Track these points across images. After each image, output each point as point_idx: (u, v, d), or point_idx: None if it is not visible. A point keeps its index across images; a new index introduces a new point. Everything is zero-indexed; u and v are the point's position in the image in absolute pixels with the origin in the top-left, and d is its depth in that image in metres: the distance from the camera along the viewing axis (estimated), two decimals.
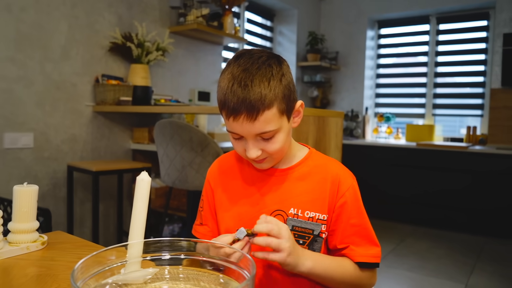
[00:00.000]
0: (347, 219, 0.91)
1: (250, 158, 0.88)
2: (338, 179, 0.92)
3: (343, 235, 0.91)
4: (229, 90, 0.81)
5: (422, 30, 4.81)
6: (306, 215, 0.91)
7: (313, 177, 0.94)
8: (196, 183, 2.15)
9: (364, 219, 0.93)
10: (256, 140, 0.86)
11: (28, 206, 0.93)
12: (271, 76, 0.82)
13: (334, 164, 0.97)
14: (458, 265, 3.07)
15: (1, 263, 0.85)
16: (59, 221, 2.60)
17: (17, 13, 2.34)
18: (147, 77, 2.92)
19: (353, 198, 0.92)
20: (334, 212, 0.91)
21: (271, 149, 0.86)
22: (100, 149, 2.83)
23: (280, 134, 0.86)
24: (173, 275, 0.68)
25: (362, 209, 0.93)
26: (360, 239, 0.91)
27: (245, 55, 0.85)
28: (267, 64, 0.83)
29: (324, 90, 5.23)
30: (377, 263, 0.91)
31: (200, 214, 1.05)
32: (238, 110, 0.80)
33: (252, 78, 0.81)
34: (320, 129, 2.07)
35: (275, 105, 0.82)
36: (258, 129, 0.82)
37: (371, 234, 0.93)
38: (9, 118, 2.35)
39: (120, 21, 2.91)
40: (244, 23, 4.42)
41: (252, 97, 0.79)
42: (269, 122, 0.82)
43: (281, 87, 0.83)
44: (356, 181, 0.95)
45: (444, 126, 4.75)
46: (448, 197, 3.98)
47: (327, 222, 0.91)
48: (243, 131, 0.84)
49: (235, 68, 0.83)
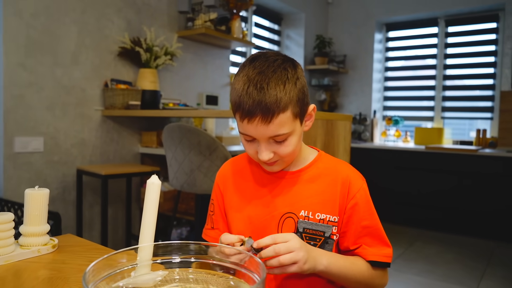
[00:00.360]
0: (358, 220, 0.91)
1: (262, 160, 0.88)
2: (348, 180, 0.93)
3: (355, 237, 0.91)
4: (245, 92, 0.81)
5: (431, 32, 4.79)
6: (317, 217, 0.91)
7: (323, 179, 0.94)
8: (204, 187, 2.16)
9: (375, 220, 0.93)
10: (268, 143, 0.86)
11: (39, 209, 0.94)
12: (286, 79, 0.82)
13: (344, 166, 0.97)
14: (468, 269, 3.04)
15: (13, 266, 0.85)
16: (68, 224, 2.62)
17: (28, 19, 2.38)
18: (155, 81, 2.94)
19: (364, 199, 0.92)
20: (345, 214, 0.91)
21: (283, 152, 0.87)
22: (109, 153, 2.86)
23: (292, 137, 0.86)
24: (183, 278, 0.68)
25: (373, 210, 0.94)
26: (372, 240, 0.92)
27: (261, 58, 0.85)
28: (283, 68, 0.83)
29: (332, 93, 5.22)
30: (389, 263, 0.92)
31: (211, 218, 1.05)
32: (253, 113, 0.81)
33: (268, 81, 0.81)
34: (328, 133, 2.06)
35: (290, 108, 0.82)
36: (272, 132, 0.83)
37: (383, 235, 0.93)
38: (20, 123, 2.38)
39: (129, 26, 2.94)
40: (251, 27, 4.44)
41: (268, 100, 0.80)
42: (283, 125, 0.83)
43: (296, 91, 0.83)
44: (366, 183, 0.95)
45: (453, 129, 4.71)
46: (458, 201, 3.94)
47: (338, 224, 0.91)
48: (257, 133, 0.84)
49: (250, 70, 0.83)
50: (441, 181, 4.04)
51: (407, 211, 4.26)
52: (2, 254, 0.86)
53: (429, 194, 4.11)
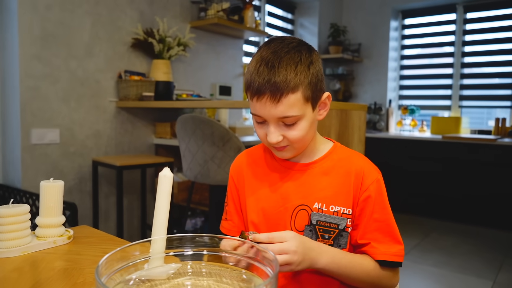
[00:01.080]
0: (370, 213, 0.89)
1: (270, 143, 0.86)
2: (362, 172, 0.90)
3: (365, 230, 0.89)
4: (256, 71, 0.82)
5: (448, 19, 4.67)
6: (331, 210, 0.89)
7: (337, 171, 0.92)
8: (218, 178, 2.16)
9: (387, 215, 0.90)
10: (278, 125, 0.85)
11: (54, 201, 0.95)
12: (299, 60, 0.82)
13: (359, 158, 0.95)
14: (486, 261, 2.99)
15: (30, 257, 0.87)
16: (85, 214, 2.66)
17: (42, 11, 2.39)
18: (168, 72, 2.94)
19: (377, 192, 0.90)
20: (358, 206, 0.89)
21: (293, 136, 0.85)
22: (123, 144, 2.88)
23: (303, 122, 0.85)
24: (196, 271, 0.68)
25: (387, 204, 0.91)
26: (383, 236, 0.89)
27: (277, 40, 0.86)
28: (297, 50, 0.84)
29: (346, 82, 5.16)
30: (399, 262, 0.88)
31: (226, 209, 1.05)
32: (262, 91, 0.81)
33: (280, 60, 0.81)
34: (343, 123, 2.04)
35: (300, 90, 0.82)
36: (281, 112, 0.82)
37: (394, 231, 0.90)
38: (36, 115, 2.41)
39: (142, 17, 2.94)
40: (264, 16, 4.40)
41: (277, 78, 0.80)
42: (292, 107, 0.82)
43: (308, 74, 0.83)
44: (382, 176, 0.93)
45: (471, 118, 4.62)
46: (475, 191, 3.88)
47: (351, 216, 0.89)
48: (265, 113, 0.83)
49: (264, 51, 0.84)
50: (458, 171, 3.97)
51: (423, 202, 4.21)
52: (19, 245, 0.88)
53: (446, 184, 4.05)
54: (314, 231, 0.89)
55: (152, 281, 0.65)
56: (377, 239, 0.88)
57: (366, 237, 0.89)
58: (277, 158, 0.98)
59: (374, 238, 0.88)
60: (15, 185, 2.42)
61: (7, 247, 0.86)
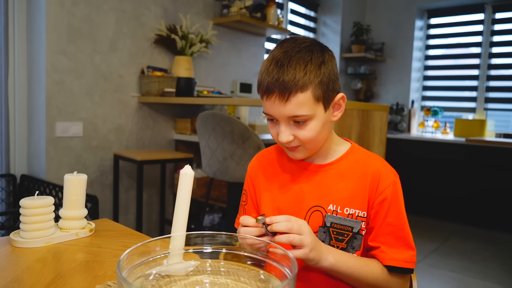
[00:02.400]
0: (384, 216, 0.87)
1: (281, 142, 0.86)
2: (378, 175, 0.89)
3: (376, 233, 0.88)
4: (266, 70, 0.83)
5: (476, 19, 4.55)
6: (346, 212, 0.88)
7: (354, 173, 0.91)
8: (236, 175, 2.17)
9: (402, 219, 0.88)
10: (288, 124, 0.85)
11: (77, 194, 0.97)
12: (309, 60, 0.82)
13: (376, 160, 0.93)
14: (507, 268, 2.92)
15: (53, 248, 0.89)
16: (105, 207, 2.71)
17: (69, 7, 2.44)
18: (190, 68, 2.96)
19: (393, 196, 0.88)
20: (372, 209, 0.88)
21: (303, 136, 0.85)
22: (144, 139, 2.92)
23: (313, 122, 0.84)
24: (214, 269, 0.69)
25: (402, 209, 0.89)
26: (395, 240, 0.87)
27: (290, 40, 0.86)
28: (308, 49, 0.84)
29: (368, 82, 5.10)
30: (410, 268, 0.86)
31: (243, 208, 1.05)
32: (271, 90, 0.81)
33: (290, 59, 0.81)
34: (364, 123, 2.01)
35: (310, 89, 0.81)
36: (290, 111, 0.82)
37: (407, 237, 0.88)
38: (60, 108, 2.46)
39: (166, 13, 2.96)
40: (287, 14, 4.38)
41: (285, 77, 0.80)
42: (302, 106, 0.81)
43: (319, 73, 0.82)
44: (399, 179, 0.91)
45: (497, 121, 4.49)
46: (499, 196, 3.78)
47: (366, 219, 0.88)
48: (275, 112, 0.84)
49: (276, 50, 0.85)
50: (481, 176, 3.88)
51: (444, 205, 4.13)
52: (43, 236, 0.90)
53: (468, 188, 3.96)
54: (328, 233, 0.88)
55: (172, 277, 0.65)
56: (388, 243, 0.87)
57: (377, 240, 0.88)
58: (293, 159, 0.97)
59: (385, 242, 0.87)
60: (39, 176, 2.49)
61: (32, 237, 0.89)
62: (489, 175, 3.83)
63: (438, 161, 4.15)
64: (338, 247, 0.88)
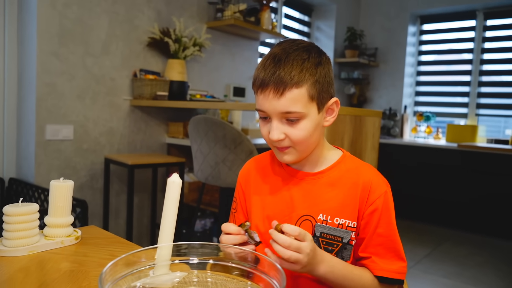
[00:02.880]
0: (374, 227, 0.87)
1: (272, 139, 0.85)
2: (369, 185, 0.88)
3: (367, 244, 0.87)
4: (262, 65, 0.84)
5: (468, 26, 4.59)
6: (336, 222, 0.87)
7: (345, 182, 0.90)
8: (228, 180, 2.15)
9: (392, 230, 0.88)
10: (281, 122, 0.84)
11: (63, 201, 0.95)
12: (306, 58, 0.83)
13: (368, 170, 0.92)
14: (500, 274, 2.93)
15: (37, 256, 0.87)
16: (95, 211, 2.68)
17: (61, 9, 2.41)
18: (183, 72, 2.94)
19: (384, 206, 0.87)
20: (363, 220, 0.87)
21: (295, 136, 0.84)
22: (136, 143, 2.89)
23: (306, 122, 0.84)
24: (201, 280, 0.67)
25: (392, 220, 0.88)
26: (385, 251, 0.87)
27: (289, 40, 0.88)
28: (306, 49, 0.85)
29: (361, 87, 5.11)
30: (400, 279, 0.86)
31: (233, 215, 1.04)
32: (266, 83, 0.82)
33: (287, 55, 0.82)
34: (356, 129, 2.01)
35: (305, 86, 0.82)
36: (284, 106, 0.81)
37: (397, 247, 0.88)
38: (51, 111, 2.43)
39: (159, 16, 2.95)
40: (281, 18, 4.38)
41: (282, 72, 0.81)
42: (296, 102, 0.81)
43: (315, 72, 0.83)
44: (390, 190, 0.90)
45: (488, 127, 4.52)
46: (491, 201, 3.80)
47: (356, 230, 0.87)
48: (269, 107, 0.83)
49: (275, 48, 0.86)
50: (473, 181, 3.89)
51: (437, 210, 4.14)
52: (27, 245, 0.88)
53: (461, 193, 3.98)
54: (318, 243, 0.87)
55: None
56: (379, 254, 0.86)
57: (368, 251, 0.87)
58: (284, 166, 0.96)
59: (376, 253, 0.86)
60: (28, 180, 2.45)
61: (15, 246, 0.86)
62: (482, 180, 3.85)
63: (430, 166, 4.16)
64: None
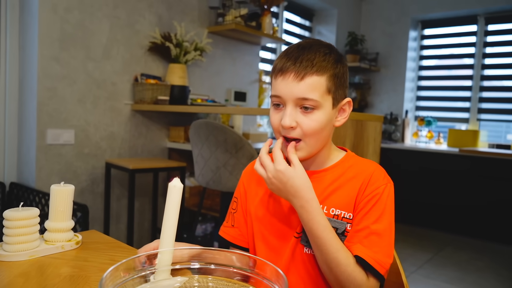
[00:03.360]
0: (367, 219, 0.84)
1: (284, 126, 0.83)
2: (369, 177, 0.87)
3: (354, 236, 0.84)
4: (286, 52, 0.87)
5: (469, 30, 4.60)
6: (331, 212, 0.88)
7: (346, 177, 0.90)
8: (229, 185, 2.14)
9: (387, 226, 0.84)
10: (295, 110, 0.84)
11: (64, 205, 0.94)
12: (329, 52, 0.86)
13: (370, 165, 0.92)
14: (500, 279, 2.91)
15: (37, 261, 0.86)
16: (96, 216, 2.67)
17: (62, 13, 2.42)
18: (184, 76, 2.94)
19: (381, 200, 0.84)
20: (359, 211, 0.85)
21: (307, 125, 0.83)
22: (137, 147, 2.89)
23: (320, 113, 0.84)
24: (202, 285, 0.67)
25: (388, 215, 0.85)
26: (371, 244, 0.82)
27: (311, 38, 0.94)
28: (329, 47, 0.88)
29: (362, 92, 5.11)
30: (378, 272, 0.80)
31: (232, 216, 1.03)
32: (287, 67, 0.83)
33: (310, 46, 0.86)
34: (358, 133, 2.01)
35: (325, 76, 0.84)
36: (302, 92, 0.82)
37: (388, 244, 0.83)
38: (52, 115, 2.43)
39: (160, 21, 2.95)
40: (282, 23, 4.39)
41: (305, 57, 0.83)
42: (314, 90, 0.82)
43: (335, 66, 0.86)
44: (393, 187, 0.89)
45: (490, 132, 4.52)
46: (492, 206, 3.78)
47: (352, 221, 0.87)
48: (286, 91, 0.83)
49: (299, 42, 0.90)
50: (475, 186, 3.88)
51: (438, 215, 4.13)
52: (27, 249, 0.87)
53: (462, 198, 3.96)
54: None
55: None
56: (363, 243, 0.82)
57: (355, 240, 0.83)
58: None
59: (361, 242, 0.82)
60: (29, 184, 2.45)
61: (15, 250, 0.86)
62: (483, 185, 3.83)
63: (431, 171, 4.15)
64: None
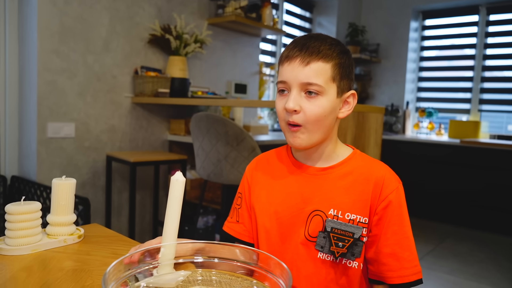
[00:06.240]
0: (388, 224, 0.86)
1: (288, 108, 0.86)
2: (382, 181, 0.88)
3: (384, 243, 0.86)
4: (293, 42, 0.89)
5: (470, 21, 4.56)
6: (347, 217, 0.87)
7: (356, 178, 0.90)
8: (230, 177, 2.14)
9: (406, 227, 0.87)
10: (299, 95, 0.86)
11: (66, 199, 0.94)
12: (335, 44, 0.89)
13: (380, 166, 0.92)
14: (502, 270, 2.92)
15: (39, 255, 0.86)
16: (98, 209, 2.68)
17: (61, 6, 2.40)
18: (184, 69, 2.93)
19: (397, 202, 0.87)
20: (375, 215, 0.86)
21: (310, 111, 0.85)
22: (138, 140, 2.88)
23: (324, 99, 0.85)
24: (206, 279, 0.66)
25: (405, 216, 0.88)
26: (401, 250, 0.86)
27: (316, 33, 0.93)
28: (335, 40, 0.91)
29: (363, 83, 5.09)
30: (419, 279, 0.86)
31: (237, 211, 1.03)
32: (294, 54, 0.86)
33: (317, 36, 0.89)
34: (359, 125, 2.00)
35: (330, 63, 0.86)
36: (306, 76, 0.84)
37: (412, 244, 0.87)
38: (52, 109, 2.42)
39: (160, 13, 2.93)
40: (282, 14, 4.36)
41: (312, 44, 0.86)
42: (319, 75, 0.84)
43: (341, 56, 0.88)
44: (402, 186, 0.89)
45: (491, 123, 4.50)
46: (493, 198, 3.79)
47: (368, 226, 0.87)
48: (291, 76, 0.86)
49: (307, 34, 0.93)
50: (476, 177, 3.88)
51: (439, 207, 4.13)
52: (29, 243, 0.87)
53: (463, 190, 3.97)
54: (328, 238, 0.86)
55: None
56: (395, 255, 0.85)
57: (384, 252, 0.86)
58: (293, 161, 0.96)
59: (392, 253, 0.85)
60: (30, 177, 2.45)
61: (17, 244, 0.86)
62: (484, 176, 3.83)
63: (432, 163, 4.15)
64: (338, 252, 0.86)
